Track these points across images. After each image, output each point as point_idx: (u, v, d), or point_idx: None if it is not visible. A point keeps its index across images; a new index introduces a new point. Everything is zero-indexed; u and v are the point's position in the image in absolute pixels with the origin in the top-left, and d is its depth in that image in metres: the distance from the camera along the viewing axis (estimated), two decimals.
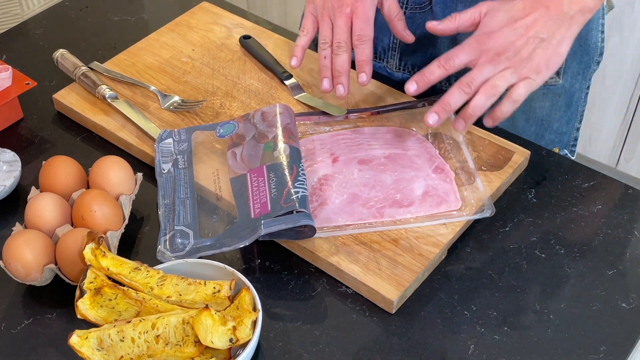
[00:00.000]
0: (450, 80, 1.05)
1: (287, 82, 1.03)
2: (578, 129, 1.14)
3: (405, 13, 1.00)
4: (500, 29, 0.85)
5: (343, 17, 0.92)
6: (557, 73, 1.04)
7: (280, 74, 1.04)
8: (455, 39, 1.00)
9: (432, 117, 0.86)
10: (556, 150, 1.11)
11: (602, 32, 1.06)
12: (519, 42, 0.84)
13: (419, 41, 1.01)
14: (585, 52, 1.05)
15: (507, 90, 0.85)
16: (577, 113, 1.12)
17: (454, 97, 0.86)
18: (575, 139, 1.14)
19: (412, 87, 0.87)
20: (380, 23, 1.02)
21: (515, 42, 0.84)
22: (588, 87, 1.11)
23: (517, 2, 0.86)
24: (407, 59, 1.06)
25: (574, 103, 1.10)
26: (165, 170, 0.92)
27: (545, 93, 1.06)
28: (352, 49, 0.93)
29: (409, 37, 0.97)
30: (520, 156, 0.93)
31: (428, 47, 1.02)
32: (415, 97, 1.02)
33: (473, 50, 0.85)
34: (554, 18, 0.84)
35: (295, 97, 1.01)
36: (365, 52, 0.92)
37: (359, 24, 0.92)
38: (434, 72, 0.86)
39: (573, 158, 1.14)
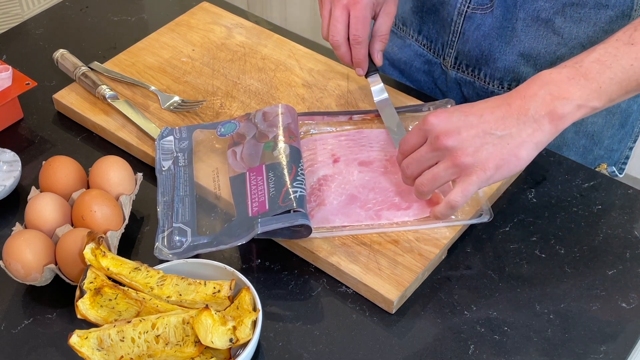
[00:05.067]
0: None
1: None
2: (631, 149, 1.10)
3: (466, 12, 1.00)
4: (452, 112, 0.77)
5: (340, 7, 0.92)
6: None
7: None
8: (522, 55, 0.99)
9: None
10: (603, 166, 1.08)
11: None
12: (465, 132, 0.75)
13: (476, 42, 1.01)
14: None
15: None
16: (632, 133, 1.08)
17: (403, 177, 0.84)
18: (627, 158, 1.10)
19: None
20: (442, 19, 1.02)
21: (461, 129, 0.75)
22: None
23: (479, 101, 0.79)
24: (462, 59, 1.05)
25: (630, 123, 1.06)
26: (165, 168, 0.92)
27: None
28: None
29: (378, 60, 0.97)
30: None
31: (484, 49, 1.01)
32: (412, 95, 1.02)
33: (418, 133, 0.79)
34: (514, 117, 0.75)
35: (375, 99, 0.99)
36: (360, 52, 0.94)
37: (354, 23, 0.92)
38: (399, 160, 0.84)
39: (621, 176, 1.10)
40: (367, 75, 0.98)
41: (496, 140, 0.75)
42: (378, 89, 0.98)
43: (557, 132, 0.76)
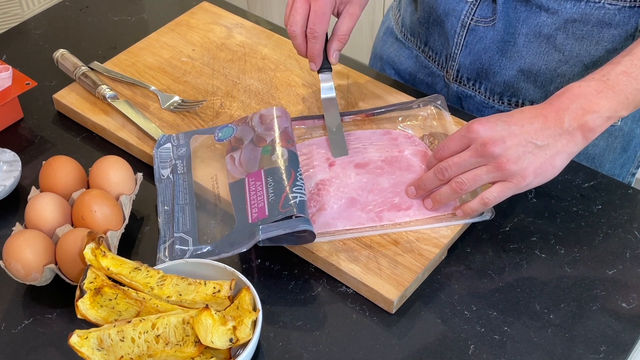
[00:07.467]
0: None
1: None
2: (634, 175, 1.09)
3: (469, 24, 1.00)
4: (495, 121, 0.81)
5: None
6: None
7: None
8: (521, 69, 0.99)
9: (410, 190, 0.88)
10: None
11: None
12: (510, 141, 0.80)
13: (477, 55, 1.01)
14: None
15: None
16: (635, 158, 1.07)
17: (428, 180, 0.85)
18: (629, 184, 1.08)
19: (411, 192, 0.88)
20: (446, 31, 1.02)
21: (506, 138, 0.80)
22: None
23: (515, 110, 0.83)
24: (464, 72, 1.04)
25: (632, 148, 1.05)
26: (165, 176, 0.92)
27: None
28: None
29: (333, 59, 0.96)
30: None
31: (484, 62, 1.01)
32: (413, 95, 1.02)
33: (461, 139, 0.83)
34: (551, 128, 0.80)
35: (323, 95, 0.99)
36: (315, 47, 0.94)
37: (313, 17, 0.91)
38: (432, 163, 0.86)
39: None
40: (319, 72, 0.98)
41: (535, 149, 0.80)
42: (327, 87, 0.98)
43: (587, 143, 0.81)
